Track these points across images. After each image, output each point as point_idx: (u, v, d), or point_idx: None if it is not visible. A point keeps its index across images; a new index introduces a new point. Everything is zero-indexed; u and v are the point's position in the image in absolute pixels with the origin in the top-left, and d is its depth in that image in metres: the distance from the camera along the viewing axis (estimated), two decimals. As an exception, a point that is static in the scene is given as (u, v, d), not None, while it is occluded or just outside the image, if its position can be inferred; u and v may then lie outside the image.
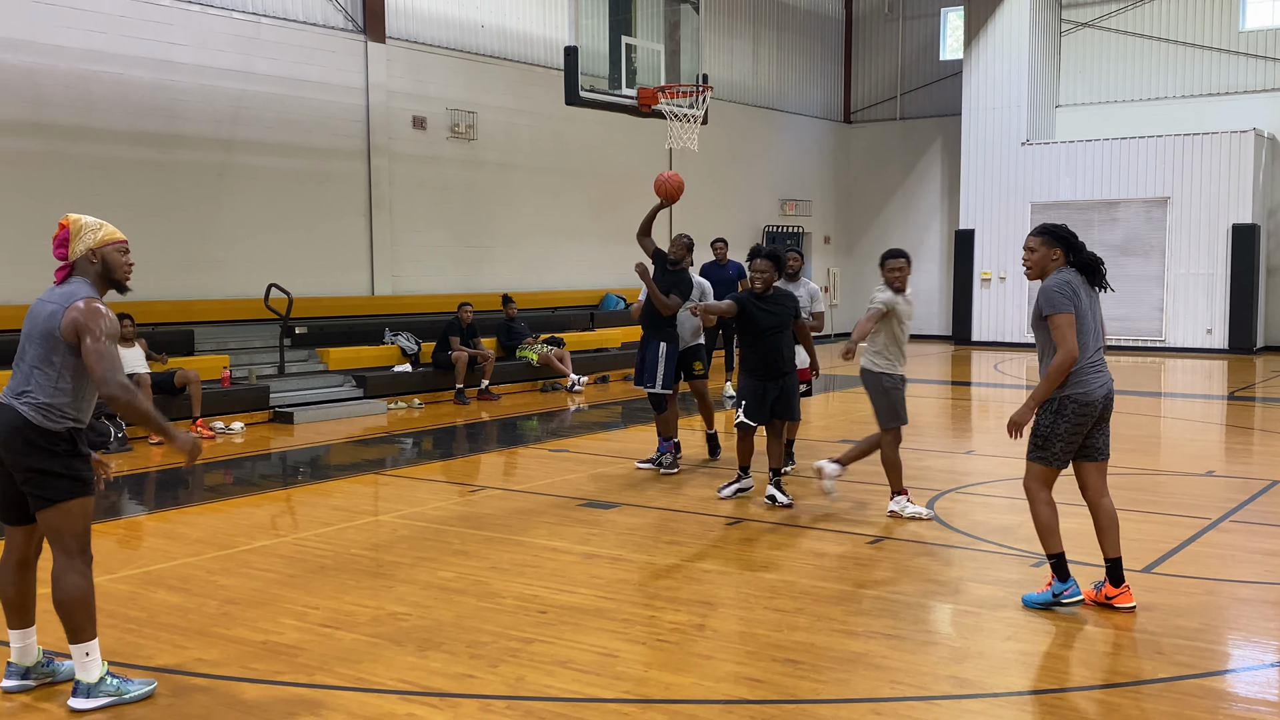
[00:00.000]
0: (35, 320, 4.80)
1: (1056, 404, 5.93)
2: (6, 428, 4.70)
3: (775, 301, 8.69)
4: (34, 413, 4.67)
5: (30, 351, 4.77)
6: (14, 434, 4.69)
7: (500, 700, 4.83)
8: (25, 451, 4.69)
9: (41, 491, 4.72)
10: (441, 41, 18.05)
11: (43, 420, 4.67)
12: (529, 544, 7.58)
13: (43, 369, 4.71)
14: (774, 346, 8.62)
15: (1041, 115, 25.32)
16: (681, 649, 5.50)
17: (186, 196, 14.72)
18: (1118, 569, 6.07)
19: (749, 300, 8.64)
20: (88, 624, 4.78)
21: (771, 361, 8.63)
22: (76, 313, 4.69)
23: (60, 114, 13.40)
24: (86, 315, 4.68)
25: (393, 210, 17.26)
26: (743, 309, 8.60)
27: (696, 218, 22.73)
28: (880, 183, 28.36)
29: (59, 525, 4.74)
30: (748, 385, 8.65)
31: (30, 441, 4.68)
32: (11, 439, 4.70)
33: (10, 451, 4.71)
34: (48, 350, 4.72)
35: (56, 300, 4.77)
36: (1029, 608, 6.07)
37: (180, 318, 14.33)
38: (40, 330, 4.75)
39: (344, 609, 6.14)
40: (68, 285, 4.82)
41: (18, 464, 4.72)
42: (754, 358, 8.66)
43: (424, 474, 10.45)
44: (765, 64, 25.88)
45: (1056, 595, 6.03)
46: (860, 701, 4.83)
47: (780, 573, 6.82)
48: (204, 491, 10.01)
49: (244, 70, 15.21)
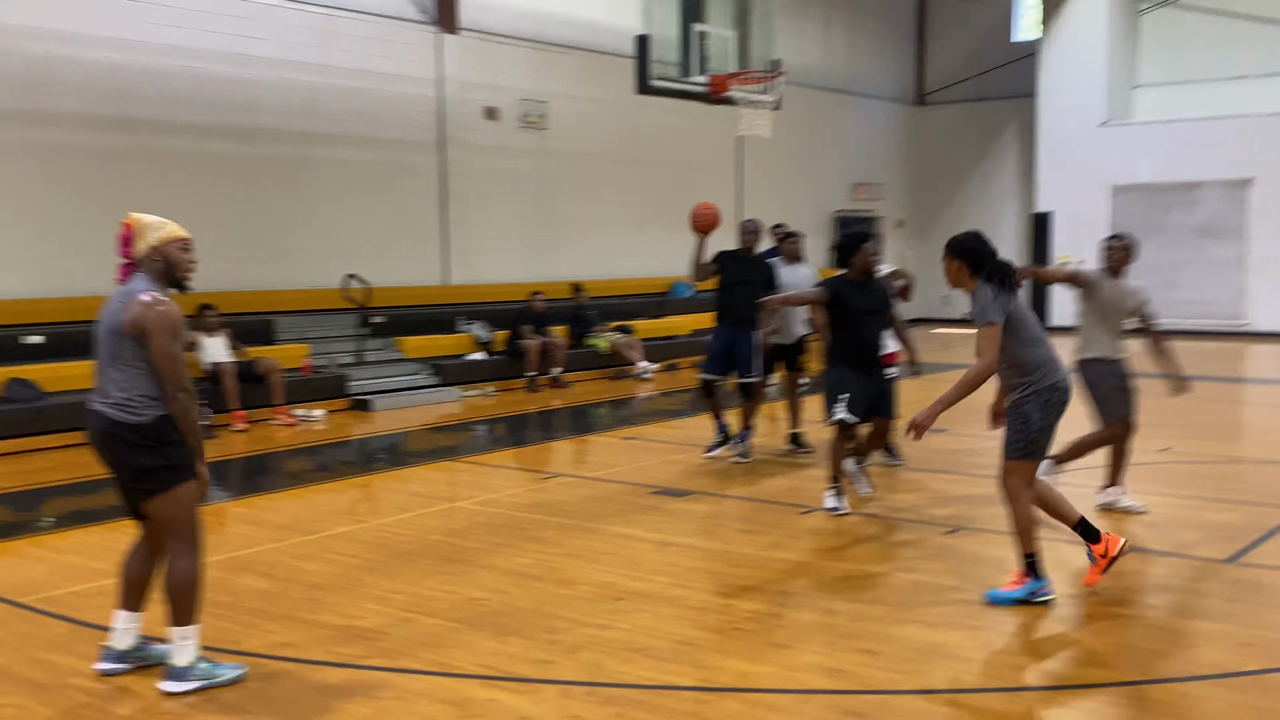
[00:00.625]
0: (102, 321, 4.91)
1: (1044, 397, 5.91)
2: (99, 432, 4.85)
3: (872, 288, 8.21)
4: (117, 411, 4.79)
5: (101, 351, 4.89)
6: (106, 436, 4.83)
7: (579, 686, 4.89)
8: (119, 450, 4.83)
9: (143, 485, 4.86)
10: (513, 31, 18.15)
11: (126, 416, 4.79)
12: (603, 531, 7.64)
13: (115, 367, 4.82)
14: (871, 335, 8.14)
15: (1119, 95, 24.81)
16: (758, 638, 5.52)
17: (266, 188, 14.99)
18: (1087, 526, 6.15)
19: (843, 286, 8.11)
20: (193, 609, 4.91)
21: (868, 351, 8.13)
22: (140, 308, 4.75)
23: (144, 108, 13.71)
24: (151, 313, 4.74)
25: (466, 200, 17.42)
26: (837, 295, 8.07)
27: (767, 203, 22.64)
28: (954, 166, 28.01)
29: (166, 514, 4.88)
30: (845, 377, 8.03)
31: (121, 439, 4.81)
32: (106, 441, 4.84)
33: (108, 453, 4.87)
34: (115, 348, 4.82)
35: (118, 298, 4.86)
36: (995, 604, 5.93)
37: (260, 308, 14.61)
38: (106, 329, 4.86)
39: (424, 594, 6.24)
40: (130, 283, 4.89)
41: (117, 463, 4.87)
42: (848, 347, 8.09)
43: (498, 461, 10.57)
44: (836, 46, 25.67)
45: (1032, 593, 5.96)
46: (940, 692, 4.82)
47: (856, 562, 6.80)
48: (286, 478, 10.22)
49: (321, 64, 15.43)
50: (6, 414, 11.08)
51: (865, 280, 8.15)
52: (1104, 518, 7.61)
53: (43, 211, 12.88)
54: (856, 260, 8.11)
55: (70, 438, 11.15)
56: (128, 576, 5.12)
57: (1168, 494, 8.53)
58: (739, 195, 22.96)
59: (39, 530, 8.23)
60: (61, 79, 12.99)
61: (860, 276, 8.13)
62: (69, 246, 12.97)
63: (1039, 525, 6.01)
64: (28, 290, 12.73)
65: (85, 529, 8.00)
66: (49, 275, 12.86)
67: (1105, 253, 8.13)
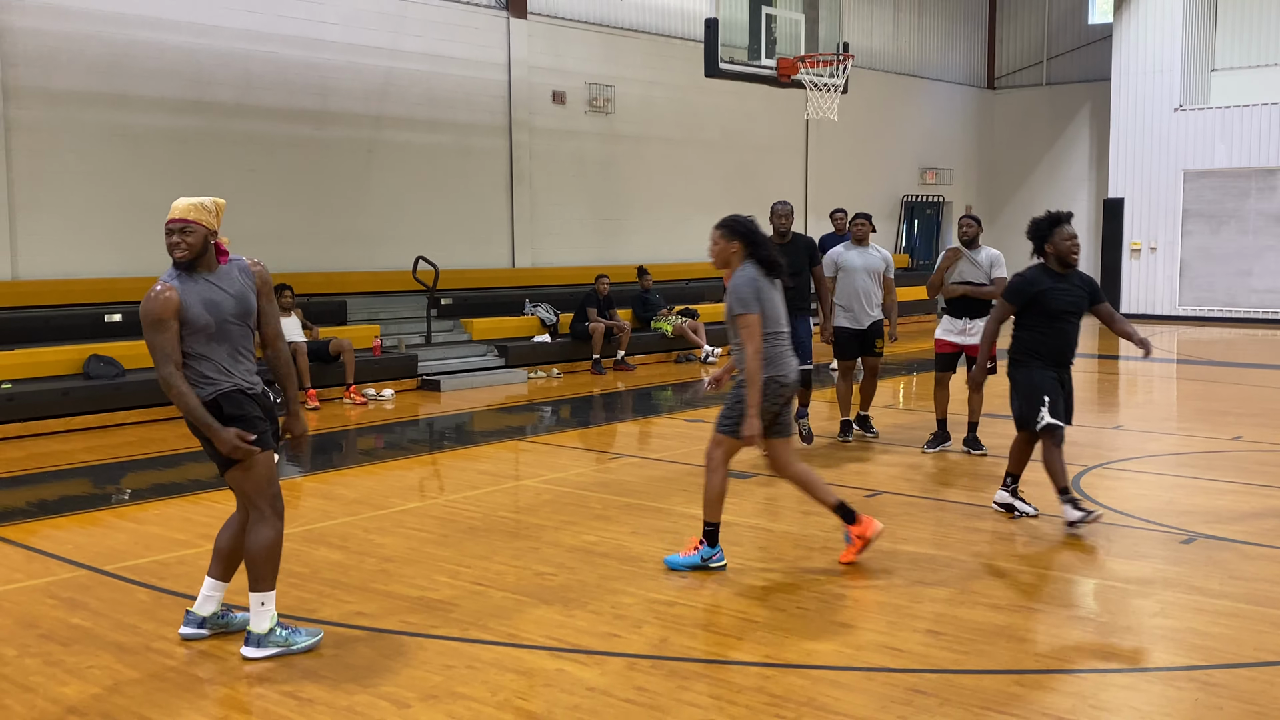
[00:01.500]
0: None
1: (766, 388, 6.11)
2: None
3: (1073, 281, 7.22)
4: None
5: None
6: (185, 416, 5.02)
7: (645, 659, 4.98)
8: (193, 428, 5.01)
9: (215, 459, 5.05)
10: (581, 16, 18.23)
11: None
12: (668, 511, 7.72)
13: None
14: (1072, 332, 7.23)
15: (1196, 79, 24.33)
16: (821, 616, 5.57)
17: (338, 171, 15.24)
18: (844, 509, 6.32)
19: (1041, 277, 7.19)
20: (269, 575, 5.07)
21: (1066, 350, 7.25)
22: (143, 302, 4.92)
23: (219, 92, 14.00)
24: (143, 306, 4.90)
25: (532, 184, 17.57)
26: (1034, 289, 7.19)
27: (834, 187, 22.58)
28: (1025, 150, 27.66)
29: (240, 485, 5.06)
30: (1042, 377, 7.17)
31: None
32: (186, 421, 5.04)
33: (192, 430, 5.05)
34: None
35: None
36: (672, 569, 6.27)
37: (333, 289, 14.87)
38: None
39: (493, 568, 6.37)
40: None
41: (200, 439, 5.04)
42: (1043, 344, 7.19)
43: (563, 441, 10.69)
44: (906, 29, 25.44)
45: (705, 560, 6.26)
46: (1003, 673, 4.84)
47: (920, 545, 6.82)
48: (358, 455, 10.43)
49: (391, 48, 15.64)
50: (88, 390, 11.42)
51: (1064, 270, 7.21)
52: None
53: (123, 193, 13.22)
54: (1053, 246, 7.18)
55: (149, 413, 11.49)
56: (218, 546, 5.29)
57: (1240, 481, 8.44)
58: (806, 179, 22.90)
59: (121, 502, 8.49)
60: (142, 63, 13.30)
61: (1058, 266, 7.19)
62: (148, 227, 13.24)
63: (723, 499, 6.29)
64: (109, 270, 13.09)
65: (165, 501, 8.25)
66: (129, 255, 13.21)
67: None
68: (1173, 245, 23.73)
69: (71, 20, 12.73)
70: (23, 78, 12.39)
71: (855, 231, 10.31)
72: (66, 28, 12.69)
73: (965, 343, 9.52)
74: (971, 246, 9.62)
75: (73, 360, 11.74)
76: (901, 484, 8.53)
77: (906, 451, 9.77)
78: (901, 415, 11.92)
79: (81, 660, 5.04)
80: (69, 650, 5.16)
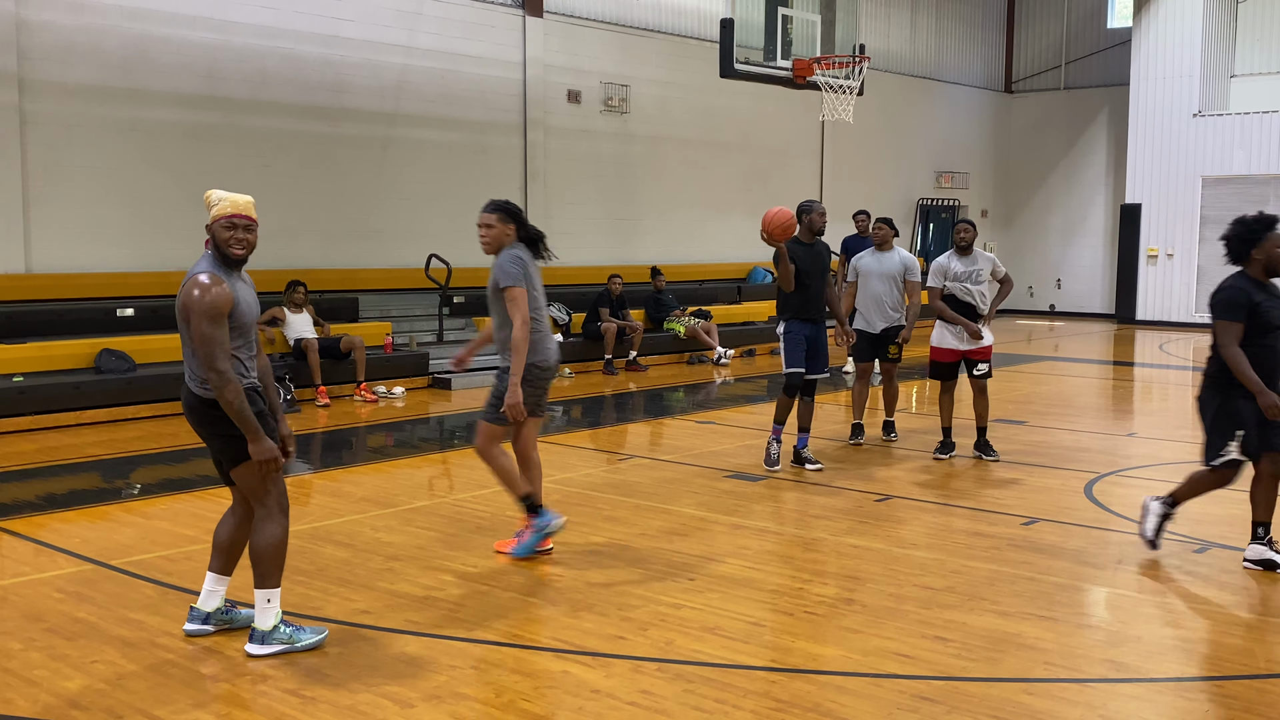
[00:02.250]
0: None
1: (527, 373, 6.32)
2: (186, 405, 5.06)
3: (1272, 291, 6.30)
4: (198, 386, 4.95)
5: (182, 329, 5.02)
6: (191, 410, 5.03)
7: (651, 662, 4.95)
8: (202, 423, 5.00)
9: (225, 455, 5.03)
10: (597, 15, 18.21)
11: (205, 391, 4.92)
12: (677, 513, 7.69)
13: (187, 345, 4.96)
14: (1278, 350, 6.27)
15: (1215, 85, 24.18)
16: (829, 621, 5.53)
17: (352, 168, 15.25)
18: (531, 501, 6.51)
19: (1250, 287, 6.24)
20: (275, 572, 5.06)
21: (1273, 370, 6.23)
22: (184, 291, 4.85)
23: (234, 88, 14.01)
24: (188, 294, 4.81)
25: (547, 183, 17.55)
26: (1252, 301, 6.20)
27: (849, 189, 22.52)
28: (1042, 155, 27.54)
29: (249, 482, 5.04)
30: (1244, 407, 6.21)
31: (203, 413, 4.96)
32: (191, 415, 5.05)
33: (195, 425, 5.06)
34: (182, 327, 4.95)
35: (189, 274, 4.94)
36: (520, 559, 6.41)
37: (345, 285, 14.87)
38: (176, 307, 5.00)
39: (500, 568, 6.34)
40: (197, 262, 4.96)
41: (203, 435, 5.05)
42: (1257, 363, 6.19)
43: (574, 441, 10.66)
44: (923, 32, 25.36)
45: (541, 529, 6.43)
46: (1012, 681, 4.80)
47: (930, 551, 6.77)
48: (368, 452, 10.42)
49: (407, 45, 15.64)
50: (99, 384, 11.43)
51: (1268, 279, 6.32)
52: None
53: (136, 187, 13.24)
54: (1263, 252, 6.26)
55: (160, 408, 11.49)
56: (217, 540, 5.28)
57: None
58: (821, 181, 22.84)
59: (129, 497, 8.49)
60: (157, 58, 13.32)
61: (1263, 274, 6.29)
62: (161, 222, 13.33)
63: (515, 471, 6.54)
64: (121, 264, 13.11)
65: (174, 496, 8.24)
66: (141, 250, 13.23)
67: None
68: (1190, 252, 23.60)
69: (87, 14, 12.75)
70: (38, 71, 12.42)
71: (874, 236, 10.27)
72: (82, 21, 12.72)
73: (966, 348, 9.45)
74: (967, 252, 9.50)
75: (84, 354, 11.76)
76: (912, 489, 8.48)
77: (918, 456, 9.72)
78: (914, 420, 11.87)
79: (86, 655, 5.03)
80: (74, 644, 5.15)
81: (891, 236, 10.25)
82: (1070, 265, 27.23)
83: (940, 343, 9.56)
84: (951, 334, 9.51)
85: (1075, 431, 11.10)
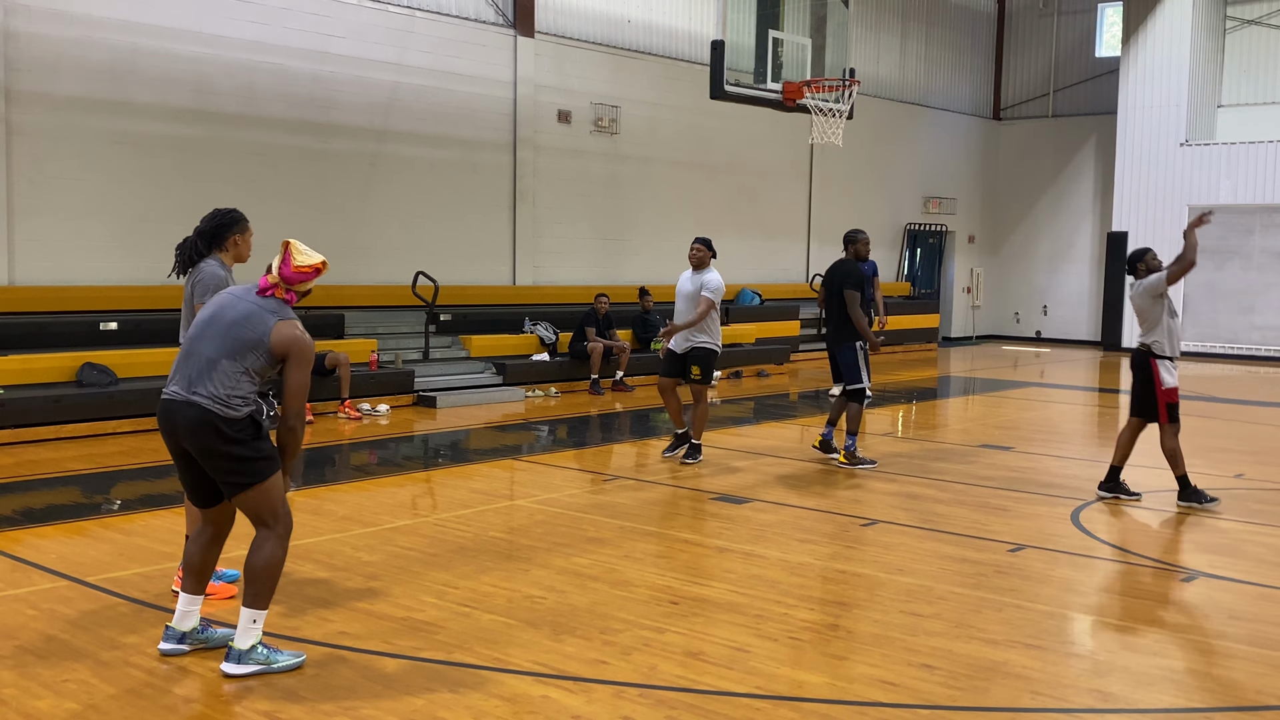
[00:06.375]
0: (226, 314, 4.98)
1: None
2: (194, 422, 4.88)
3: None
4: (215, 404, 4.86)
5: (214, 345, 4.93)
6: (202, 426, 4.86)
7: (633, 688, 4.88)
8: (216, 441, 4.87)
9: (237, 478, 4.91)
10: (588, 36, 18.23)
11: (226, 410, 4.86)
12: (662, 535, 7.62)
13: (231, 363, 4.89)
14: None
15: (1202, 115, 24.33)
16: (814, 648, 5.47)
17: (340, 184, 15.19)
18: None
19: None
20: (268, 594, 4.97)
21: None
22: (294, 334, 4.97)
23: (223, 102, 13.95)
24: (293, 337, 4.96)
25: (536, 202, 17.52)
26: None
27: (837, 213, 22.55)
28: (1029, 182, 27.65)
29: (258, 505, 4.95)
30: None
31: (220, 432, 4.86)
32: (201, 433, 4.87)
33: (199, 444, 4.89)
34: (243, 348, 4.91)
35: (263, 306, 4.99)
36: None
37: (331, 302, 14.79)
38: (235, 326, 4.93)
39: (482, 589, 6.26)
40: (268, 299, 5.05)
41: (209, 453, 4.90)
42: None
43: (559, 461, 10.59)
44: (913, 58, 25.47)
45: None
46: (999, 710, 4.74)
47: (917, 577, 6.72)
48: (350, 470, 10.33)
49: (398, 63, 15.62)
50: (80, 398, 11.32)
51: None
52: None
53: (122, 200, 13.16)
54: None
55: (141, 423, 11.38)
56: (189, 562, 5.19)
57: (1242, 520, 8.34)
58: (809, 205, 22.86)
59: (108, 512, 8.38)
60: (145, 71, 13.26)
61: None
62: (146, 235, 13.24)
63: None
64: (104, 277, 13.01)
65: (152, 513, 8.14)
66: (126, 263, 13.14)
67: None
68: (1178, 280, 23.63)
69: (76, 26, 12.69)
70: (26, 82, 12.35)
71: (691, 257, 10.30)
72: (71, 33, 12.66)
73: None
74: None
75: (66, 368, 11.65)
76: (898, 514, 8.43)
77: (904, 480, 9.68)
78: (900, 444, 11.83)
79: (58, 674, 4.93)
80: (45, 663, 5.05)
81: (709, 258, 10.22)
82: (1056, 292, 27.29)
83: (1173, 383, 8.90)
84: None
85: (1062, 458, 11.07)
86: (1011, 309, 27.96)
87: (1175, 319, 8.96)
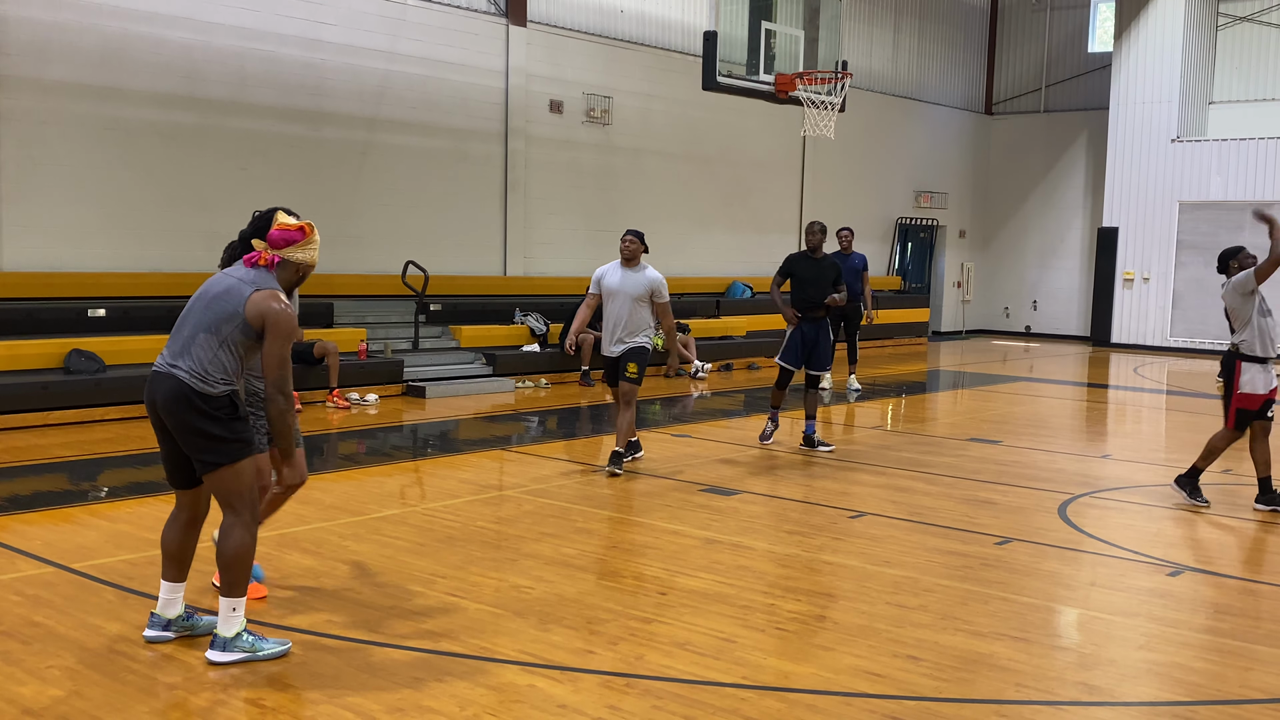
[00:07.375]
0: (212, 289, 4.97)
1: None
2: (170, 394, 4.85)
3: None
4: (193, 379, 4.83)
5: (196, 318, 4.92)
6: (177, 400, 4.84)
7: (619, 678, 4.87)
8: (189, 416, 4.83)
9: (207, 456, 4.88)
10: (581, 26, 18.19)
11: (202, 385, 4.83)
12: (650, 526, 7.62)
13: (208, 335, 4.86)
14: None
15: (1194, 111, 24.37)
16: (800, 639, 5.47)
17: (331, 173, 15.14)
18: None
19: None
20: (243, 580, 4.96)
21: None
22: (269, 304, 4.88)
23: (214, 89, 13.89)
24: (268, 307, 4.88)
25: (527, 192, 17.48)
26: None
27: (829, 206, 22.54)
28: (1020, 177, 27.67)
29: (226, 486, 4.92)
30: None
31: (194, 406, 4.83)
32: (175, 405, 4.84)
33: (175, 416, 4.86)
34: (219, 320, 4.87)
35: (243, 278, 4.95)
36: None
37: (321, 291, 14.73)
38: (216, 300, 4.91)
39: (469, 579, 6.26)
40: (258, 271, 5.02)
41: (183, 427, 4.87)
42: None
43: (548, 452, 10.58)
44: (905, 52, 25.46)
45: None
46: (984, 703, 4.74)
47: (904, 569, 6.72)
48: (339, 459, 10.31)
49: (389, 51, 15.56)
50: (68, 385, 11.28)
51: None
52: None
53: (111, 187, 13.10)
54: None
55: (129, 410, 11.34)
56: (167, 549, 5.16)
57: (1228, 515, 8.36)
58: (801, 197, 22.86)
59: (95, 499, 8.36)
60: (136, 57, 13.19)
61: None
62: (135, 222, 13.19)
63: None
64: (94, 264, 12.95)
65: (140, 500, 8.12)
66: (115, 250, 13.08)
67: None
68: (1166, 276, 23.73)
69: (66, 10, 12.61)
70: (14, 67, 12.27)
71: (623, 250, 9.33)
72: (61, 18, 12.58)
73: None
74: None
75: (53, 354, 11.60)
76: (886, 506, 8.44)
77: (893, 473, 9.69)
78: (888, 437, 11.85)
79: (41, 660, 4.92)
80: (29, 649, 5.03)
81: (640, 252, 9.23)
82: (1047, 287, 27.33)
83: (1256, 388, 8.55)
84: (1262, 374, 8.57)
85: (1050, 452, 11.10)
86: (1001, 304, 28.00)
87: (1267, 318, 8.60)
